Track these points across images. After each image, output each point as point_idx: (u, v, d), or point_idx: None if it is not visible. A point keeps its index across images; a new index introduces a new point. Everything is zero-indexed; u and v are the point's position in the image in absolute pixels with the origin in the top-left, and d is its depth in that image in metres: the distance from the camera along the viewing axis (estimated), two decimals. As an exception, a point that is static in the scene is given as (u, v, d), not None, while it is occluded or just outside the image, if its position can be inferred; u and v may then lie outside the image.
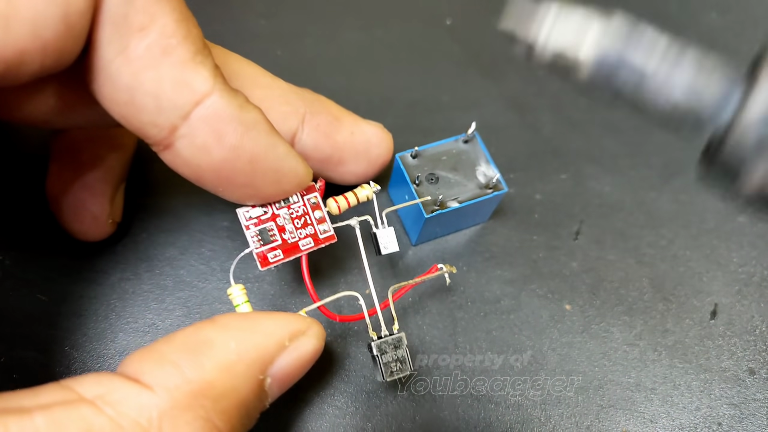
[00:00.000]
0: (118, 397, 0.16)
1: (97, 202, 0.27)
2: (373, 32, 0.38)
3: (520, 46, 0.19)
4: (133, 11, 0.17)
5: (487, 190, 0.28)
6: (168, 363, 0.17)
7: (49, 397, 0.16)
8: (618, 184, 0.34)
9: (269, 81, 0.26)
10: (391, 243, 0.25)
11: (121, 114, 0.19)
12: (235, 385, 0.18)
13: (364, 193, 0.25)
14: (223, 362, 0.18)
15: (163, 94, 0.18)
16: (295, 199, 0.24)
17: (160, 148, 0.20)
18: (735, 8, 0.42)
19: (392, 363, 0.23)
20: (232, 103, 0.20)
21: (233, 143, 0.20)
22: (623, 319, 0.30)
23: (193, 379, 0.17)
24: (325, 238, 0.24)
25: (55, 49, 0.16)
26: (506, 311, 0.30)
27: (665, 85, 0.17)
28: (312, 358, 0.21)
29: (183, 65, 0.19)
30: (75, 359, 0.27)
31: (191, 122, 0.19)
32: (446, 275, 0.26)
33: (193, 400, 0.17)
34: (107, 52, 0.18)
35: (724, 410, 0.28)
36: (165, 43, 0.18)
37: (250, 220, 0.24)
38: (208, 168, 0.21)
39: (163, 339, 0.19)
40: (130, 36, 0.18)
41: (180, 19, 0.18)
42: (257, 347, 0.19)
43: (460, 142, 0.29)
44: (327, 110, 0.27)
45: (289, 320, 0.21)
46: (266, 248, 0.23)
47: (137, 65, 0.18)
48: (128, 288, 0.28)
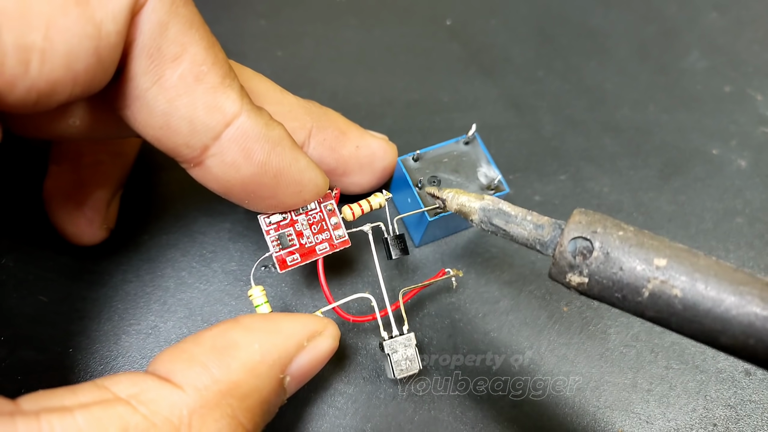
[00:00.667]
0: (151, 397, 0.17)
1: (93, 206, 0.27)
2: (372, 32, 0.38)
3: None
4: (166, 43, 0.18)
5: (489, 192, 0.28)
6: (197, 364, 0.19)
7: (88, 396, 0.17)
8: (617, 185, 0.34)
9: (279, 97, 0.27)
10: (402, 248, 0.26)
11: (155, 137, 0.20)
12: (258, 385, 0.19)
13: (377, 201, 0.26)
14: (248, 363, 0.19)
15: (196, 118, 0.20)
16: (312, 206, 0.25)
17: (191, 165, 0.21)
18: (735, 7, 0.42)
19: (402, 361, 0.25)
20: (259, 122, 0.21)
21: (261, 160, 0.21)
22: (620, 321, 0.30)
23: (221, 379, 0.18)
24: (341, 242, 0.26)
25: (86, 79, 0.17)
26: (504, 312, 0.30)
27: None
28: (328, 356, 0.23)
29: (214, 90, 0.20)
30: (78, 360, 0.27)
31: (222, 142, 0.20)
32: (453, 279, 0.28)
33: (221, 399, 0.18)
34: (143, 82, 0.19)
35: (720, 411, 0.28)
36: (197, 70, 0.19)
37: (270, 225, 0.25)
38: (237, 183, 0.22)
39: (191, 339, 0.20)
40: (165, 66, 0.19)
41: (208, 46, 0.20)
42: (278, 348, 0.20)
43: (461, 143, 0.30)
44: (334, 124, 0.28)
45: (307, 321, 0.22)
46: (285, 252, 0.25)
47: (172, 93, 0.19)
48: (130, 290, 0.29)
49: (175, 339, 0.28)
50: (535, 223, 0.21)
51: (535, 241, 0.21)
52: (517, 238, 0.22)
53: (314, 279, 0.29)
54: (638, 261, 0.18)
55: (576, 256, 0.19)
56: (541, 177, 0.34)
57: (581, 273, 0.19)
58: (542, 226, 0.21)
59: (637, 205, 0.34)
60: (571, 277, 0.19)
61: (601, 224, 0.19)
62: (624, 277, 0.18)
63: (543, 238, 0.21)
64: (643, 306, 0.18)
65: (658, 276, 0.18)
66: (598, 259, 0.19)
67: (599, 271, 0.19)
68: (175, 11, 0.18)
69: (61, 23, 0.16)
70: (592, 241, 0.19)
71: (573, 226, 0.19)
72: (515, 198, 0.33)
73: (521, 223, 0.22)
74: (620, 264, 0.18)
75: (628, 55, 0.40)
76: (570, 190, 0.34)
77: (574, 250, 0.19)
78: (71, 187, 0.27)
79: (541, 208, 0.33)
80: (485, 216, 0.22)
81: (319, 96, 0.35)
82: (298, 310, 0.29)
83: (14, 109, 0.17)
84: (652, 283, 0.18)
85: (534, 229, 0.21)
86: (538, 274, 0.31)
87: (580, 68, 0.39)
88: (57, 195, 0.27)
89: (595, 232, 0.19)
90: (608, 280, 0.19)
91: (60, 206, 0.27)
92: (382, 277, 0.26)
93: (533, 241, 0.21)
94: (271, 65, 0.36)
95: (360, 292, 0.26)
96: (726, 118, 0.38)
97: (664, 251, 0.18)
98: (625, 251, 0.18)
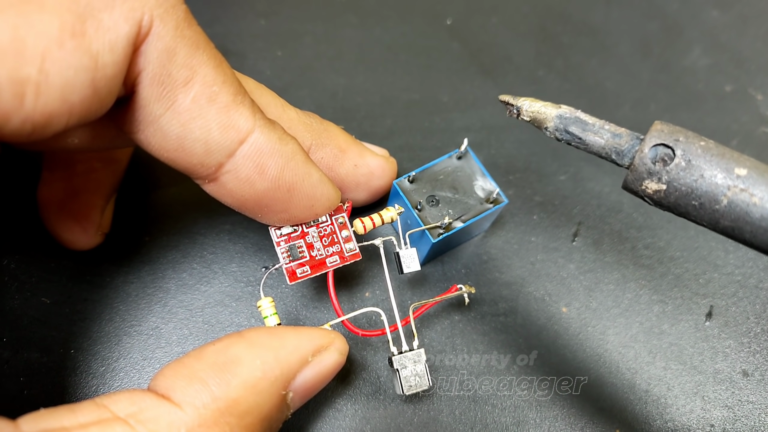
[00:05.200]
0: (149, 416, 0.17)
1: (86, 213, 0.27)
2: (372, 32, 0.38)
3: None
4: (176, 68, 0.18)
5: (488, 205, 0.28)
6: (197, 380, 0.19)
7: (87, 416, 0.17)
8: (616, 185, 0.34)
9: (279, 112, 0.26)
10: (414, 262, 0.26)
11: (170, 158, 0.20)
12: (259, 402, 0.19)
13: (389, 215, 0.26)
14: (248, 381, 0.19)
15: (211, 138, 0.20)
16: (323, 219, 0.25)
17: (205, 182, 0.21)
18: (738, 5, 0.42)
19: (411, 377, 0.24)
20: (272, 137, 0.21)
21: (275, 175, 0.21)
22: (619, 321, 0.30)
23: (220, 396, 0.18)
24: (351, 255, 0.26)
25: (82, 110, 0.17)
26: (503, 313, 0.30)
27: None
28: (333, 371, 0.22)
29: (227, 109, 0.20)
30: (79, 362, 0.27)
31: (236, 159, 0.20)
32: (465, 295, 0.28)
33: (219, 417, 0.18)
34: (156, 109, 0.19)
35: (718, 412, 0.29)
36: (209, 91, 0.19)
37: (281, 237, 0.25)
38: (250, 198, 0.22)
39: (195, 353, 0.20)
40: (177, 91, 0.19)
41: (217, 65, 0.19)
42: (281, 364, 0.20)
43: (454, 158, 0.29)
44: (333, 142, 0.28)
45: (313, 335, 0.22)
46: (295, 264, 0.25)
47: (186, 117, 0.19)
48: (131, 291, 0.29)
49: (176, 340, 0.28)
50: (613, 132, 0.21)
51: (611, 149, 0.21)
52: (593, 147, 0.21)
53: (324, 291, 0.29)
54: (719, 169, 0.18)
55: (656, 163, 0.19)
56: (541, 177, 0.34)
57: (660, 180, 0.19)
58: (620, 135, 0.21)
59: (637, 206, 0.34)
60: (648, 184, 0.19)
61: (682, 134, 0.19)
62: (704, 184, 0.18)
63: (620, 147, 0.21)
64: (719, 215, 0.18)
65: (738, 185, 0.18)
66: (679, 166, 0.19)
67: (679, 178, 0.19)
68: (181, 35, 0.18)
69: (57, 55, 0.16)
70: (674, 149, 0.19)
71: (655, 134, 0.19)
72: (515, 199, 0.33)
73: (599, 131, 0.21)
74: (701, 171, 0.18)
75: (629, 54, 0.40)
76: (570, 190, 0.34)
77: (654, 156, 0.19)
78: (65, 195, 0.27)
79: (541, 208, 0.33)
80: (561, 123, 0.22)
81: (319, 96, 0.36)
82: (308, 323, 0.29)
83: (9, 139, 0.17)
84: (732, 191, 0.18)
85: (611, 137, 0.21)
86: (538, 275, 0.31)
87: (580, 67, 0.39)
88: (51, 202, 0.27)
89: (678, 140, 0.19)
90: (687, 187, 0.19)
91: (54, 213, 0.27)
92: (392, 291, 0.26)
93: (609, 150, 0.21)
94: (271, 65, 0.36)
95: (369, 305, 0.25)
96: (727, 118, 0.37)
97: (744, 162, 0.18)
98: (707, 159, 0.19)
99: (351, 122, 0.35)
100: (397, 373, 0.24)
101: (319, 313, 0.29)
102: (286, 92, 0.35)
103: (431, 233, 0.27)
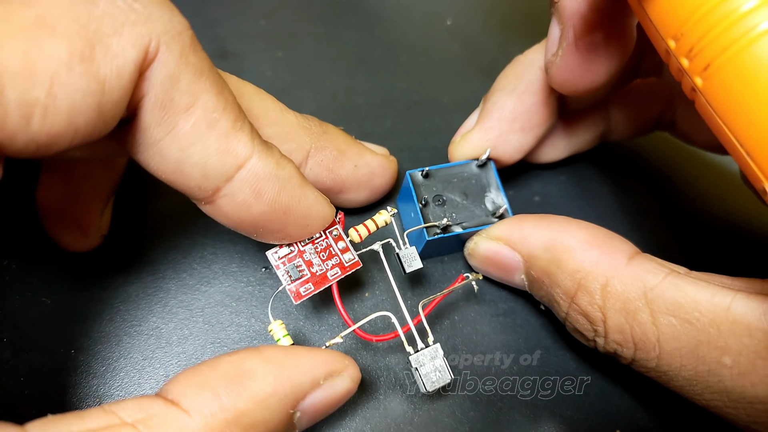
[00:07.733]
0: (157, 422, 0.17)
1: (85, 215, 0.27)
2: (373, 32, 0.38)
3: None
4: (178, 94, 0.19)
5: (493, 219, 0.28)
6: (208, 389, 0.19)
7: (95, 422, 0.17)
8: (616, 185, 0.34)
9: (278, 117, 0.26)
10: (415, 261, 0.26)
11: (168, 180, 0.21)
12: (266, 417, 0.19)
13: (382, 219, 0.26)
14: (258, 395, 0.19)
15: (209, 164, 0.20)
16: (318, 235, 0.26)
17: (202, 203, 0.22)
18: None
19: (432, 373, 0.24)
20: (270, 162, 0.21)
21: (271, 198, 0.22)
22: (620, 321, 0.30)
23: (228, 407, 0.18)
24: (351, 265, 0.26)
25: (86, 132, 0.17)
26: (503, 314, 0.30)
27: None
28: (343, 398, 0.22)
29: (226, 135, 0.20)
30: (80, 362, 0.27)
31: (234, 183, 0.21)
32: (474, 283, 0.27)
33: (226, 427, 0.18)
34: (156, 133, 0.19)
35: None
36: (209, 118, 0.19)
37: (280, 259, 0.25)
38: (247, 220, 0.22)
39: (210, 362, 0.20)
40: (178, 117, 0.19)
41: (218, 92, 0.20)
42: (292, 382, 0.20)
43: (473, 165, 0.29)
44: (333, 144, 0.28)
45: (327, 358, 0.22)
46: (298, 283, 0.25)
47: (185, 142, 0.19)
48: (132, 291, 0.29)
49: (176, 340, 0.28)
50: None
51: None
52: None
53: (329, 298, 0.29)
54: None
55: None
56: (541, 177, 0.34)
57: None
58: None
59: (638, 206, 0.34)
60: None
61: None
62: None
63: None
64: None
65: None
66: None
67: None
68: (185, 62, 0.19)
69: (65, 79, 0.16)
70: None
71: None
72: (515, 198, 0.33)
73: None
74: None
75: (629, 54, 0.40)
76: (570, 190, 0.34)
77: None
78: (63, 198, 0.27)
79: (541, 209, 0.33)
80: None
81: (319, 97, 0.36)
82: (317, 336, 0.29)
83: (13, 156, 0.17)
84: None
85: None
86: (538, 275, 0.31)
87: (580, 67, 0.39)
88: (49, 204, 0.27)
89: None
90: None
91: (52, 216, 0.27)
92: (398, 292, 0.26)
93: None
94: (271, 65, 0.36)
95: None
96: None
97: None
98: None
99: (351, 123, 0.35)
100: (417, 372, 0.24)
101: (326, 323, 0.29)
102: (287, 93, 0.35)
103: (427, 231, 0.27)
